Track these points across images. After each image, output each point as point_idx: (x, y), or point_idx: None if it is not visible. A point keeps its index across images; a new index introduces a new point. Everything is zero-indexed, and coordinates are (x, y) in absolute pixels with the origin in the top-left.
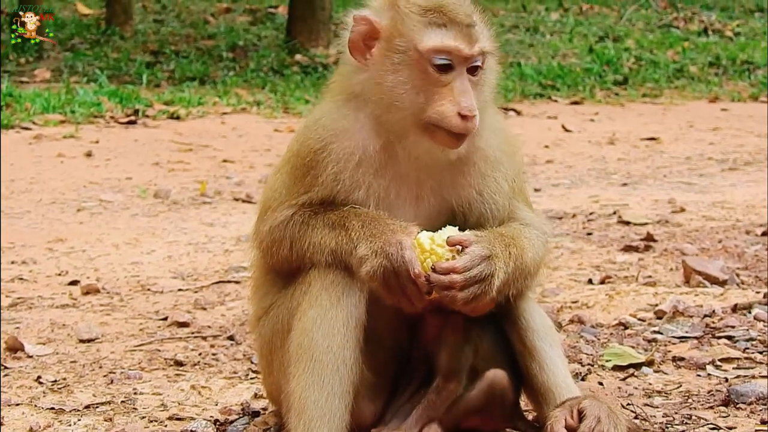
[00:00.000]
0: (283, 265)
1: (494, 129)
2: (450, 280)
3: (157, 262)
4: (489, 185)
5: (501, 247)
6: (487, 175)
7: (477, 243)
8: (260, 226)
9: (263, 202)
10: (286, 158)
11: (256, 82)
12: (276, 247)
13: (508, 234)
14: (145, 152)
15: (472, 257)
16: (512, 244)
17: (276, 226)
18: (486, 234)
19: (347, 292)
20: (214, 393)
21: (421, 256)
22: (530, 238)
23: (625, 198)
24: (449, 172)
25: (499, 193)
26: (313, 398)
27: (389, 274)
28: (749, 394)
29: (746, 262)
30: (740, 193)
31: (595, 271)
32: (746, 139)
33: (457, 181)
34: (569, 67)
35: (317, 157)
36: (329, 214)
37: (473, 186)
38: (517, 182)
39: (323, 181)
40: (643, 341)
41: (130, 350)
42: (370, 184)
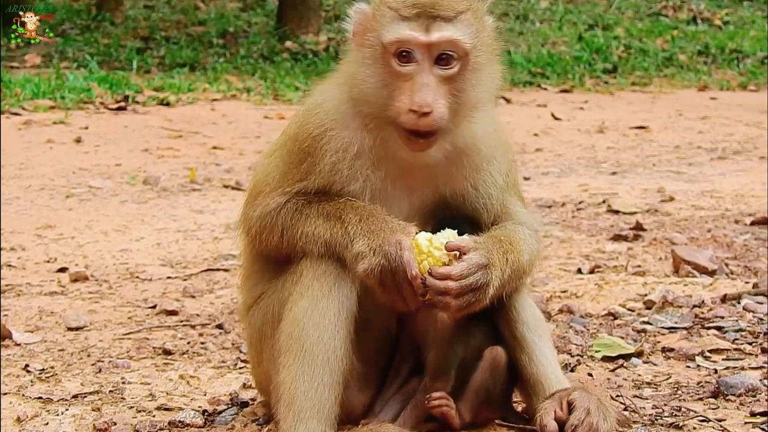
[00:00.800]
0: (271, 252)
1: (489, 124)
2: (445, 286)
3: (146, 249)
4: (484, 179)
5: (499, 254)
6: (481, 168)
7: (475, 250)
8: (250, 211)
9: (254, 185)
10: (281, 141)
11: (246, 68)
12: (266, 233)
13: (506, 238)
14: (135, 138)
15: (469, 265)
16: (510, 249)
17: (268, 212)
18: (484, 240)
19: (339, 283)
20: (202, 383)
21: (418, 257)
22: (526, 239)
23: (614, 187)
24: (444, 165)
25: (494, 187)
26: (302, 389)
27: (386, 274)
28: (738, 385)
29: (735, 251)
30: (729, 182)
31: (585, 261)
32: (735, 128)
33: (452, 174)
34: (559, 55)
35: (315, 143)
36: (324, 204)
37: (468, 179)
38: (511, 176)
39: (320, 170)
40: (632, 332)
41: (118, 338)
42: (367, 177)
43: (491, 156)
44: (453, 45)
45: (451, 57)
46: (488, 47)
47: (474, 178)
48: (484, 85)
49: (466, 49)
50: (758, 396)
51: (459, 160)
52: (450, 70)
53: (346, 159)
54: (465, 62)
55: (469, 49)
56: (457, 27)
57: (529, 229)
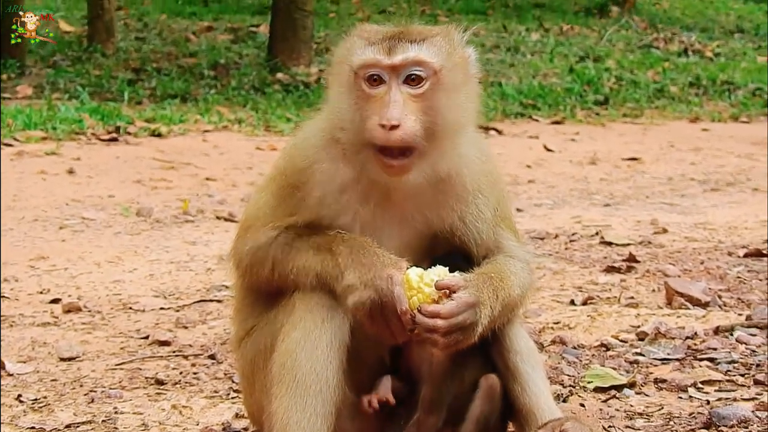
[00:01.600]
0: (263, 286)
1: (475, 154)
2: (434, 324)
3: (139, 280)
4: (470, 212)
5: (489, 291)
6: (468, 201)
7: (465, 289)
8: (240, 245)
9: (244, 220)
10: (271, 176)
11: (237, 100)
12: (257, 267)
13: (497, 274)
14: (127, 170)
15: (458, 304)
16: (500, 286)
17: (259, 246)
18: (474, 278)
19: (331, 314)
20: (195, 412)
21: (408, 293)
22: (517, 273)
23: (607, 218)
24: (429, 194)
25: (482, 221)
26: (295, 419)
27: (376, 307)
28: (731, 416)
29: (728, 283)
30: (722, 214)
31: (578, 292)
32: (727, 160)
33: (439, 204)
34: (550, 87)
35: (302, 177)
36: (315, 237)
37: (455, 210)
38: (501, 209)
39: (308, 204)
40: (624, 363)
41: (111, 369)
42: (356, 210)
43: (477, 188)
44: (419, 64)
45: (419, 76)
46: (462, 69)
47: (461, 210)
48: (459, 105)
49: (434, 68)
50: (750, 427)
51: (444, 190)
52: (419, 88)
53: (333, 192)
54: (435, 81)
55: (437, 68)
56: (424, 48)
57: (521, 262)
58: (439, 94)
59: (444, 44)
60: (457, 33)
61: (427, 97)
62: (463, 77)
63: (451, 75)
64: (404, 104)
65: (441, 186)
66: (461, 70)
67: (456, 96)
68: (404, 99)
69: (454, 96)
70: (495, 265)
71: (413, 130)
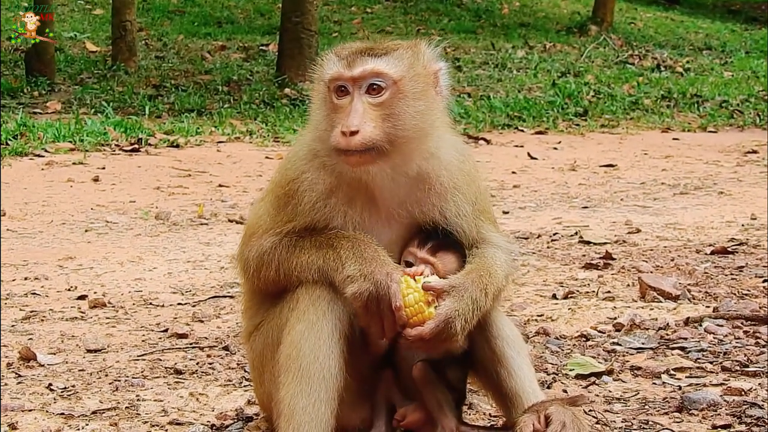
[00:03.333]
0: (269, 287)
1: (452, 155)
2: (419, 336)
3: (159, 278)
4: (450, 208)
5: (477, 291)
6: (447, 198)
7: (450, 296)
8: (246, 252)
9: (248, 228)
10: (270, 188)
11: (248, 113)
12: (263, 270)
13: (485, 270)
14: (148, 177)
15: (437, 322)
16: (490, 282)
17: (264, 251)
18: (463, 280)
19: (332, 306)
20: (210, 399)
21: (405, 290)
22: (502, 263)
23: (585, 220)
24: (411, 195)
25: (462, 217)
26: (301, 404)
27: (372, 300)
28: (701, 400)
29: (697, 278)
30: (690, 215)
31: (559, 287)
32: (696, 166)
33: (421, 202)
34: (534, 100)
35: (294, 186)
36: (317, 236)
37: (436, 206)
38: (480, 203)
39: (302, 211)
40: (603, 352)
41: (133, 360)
42: (345, 212)
43: (455, 185)
44: (378, 75)
45: (379, 86)
46: (424, 79)
47: (441, 207)
48: (420, 112)
49: (393, 78)
50: (719, 410)
51: (423, 188)
52: (379, 97)
53: (320, 198)
54: (395, 90)
55: (396, 78)
56: (384, 60)
57: (503, 252)
58: (400, 102)
59: (406, 57)
60: (424, 47)
61: (387, 105)
62: (424, 87)
63: (411, 85)
64: (364, 112)
65: (420, 185)
66: (423, 80)
67: (417, 104)
68: (365, 107)
69: (415, 104)
70: (482, 260)
71: (371, 135)
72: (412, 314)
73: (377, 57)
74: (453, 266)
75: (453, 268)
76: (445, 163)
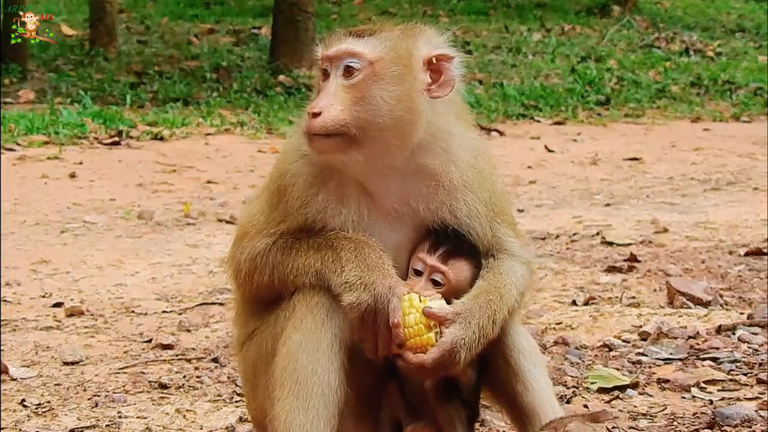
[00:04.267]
0: (262, 293)
1: (464, 151)
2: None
3: (141, 283)
4: (461, 207)
5: (483, 318)
6: (456, 197)
7: (456, 324)
8: (237, 254)
9: (240, 228)
10: (264, 184)
11: (239, 102)
12: (256, 274)
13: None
14: (129, 173)
15: (441, 351)
16: (499, 308)
17: (257, 253)
18: (470, 306)
19: (331, 314)
20: (198, 416)
21: (408, 309)
22: (517, 280)
23: (608, 218)
24: (414, 190)
25: (475, 218)
26: (298, 422)
27: (370, 313)
28: (734, 416)
29: (730, 282)
30: (723, 213)
31: (579, 293)
32: (728, 159)
33: (427, 198)
34: (552, 88)
35: (285, 183)
36: (315, 237)
37: (446, 205)
38: (495, 203)
39: (292, 208)
40: (627, 363)
41: (114, 373)
42: (339, 210)
43: (465, 183)
44: (353, 55)
45: (353, 67)
46: (408, 62)
47: (451, 205)
48: (399, 98)
49: (368, 60)
50: (754, 426)
51: (427, 183)
52: (352, 78)
53: (309, 194)
54: (370, 72)
55: (372, 59)
56: (361, 41)
57: (521, 265)
58: (374, 85)
59: (390, 39)
60: (421, 30)
61: (360, 87)
62: (407, 71)
63: (391, 68)
64: (334, 94)
65: (425, 180)
66: (406, 65)
67: (394, 89)
68: (337, 89)
69: (392, 89)
70: (495, 278)
71: (334, 119)
72: (411, 336)
73: (357, 37)
74: (466, 275)
75: (465, 277)
76: (455, 159)
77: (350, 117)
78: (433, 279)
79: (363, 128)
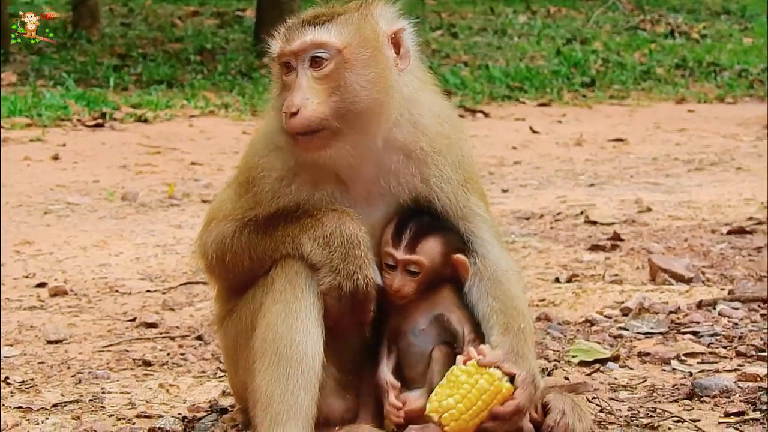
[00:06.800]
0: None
1: (429, 117)
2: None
3: (125, 263)
4: (432, 173)
5: (529, 348)
6: (427, 163)
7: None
8: (205, 237)
9: (208, 213)
10: (234, 175)
11: (224, 85)
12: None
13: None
14: (113, 155)
15: (526, 386)
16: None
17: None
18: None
19: (309, 283)
20: (182, 391)
21: (471, 378)
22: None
23: (592, 198)
24: (389, 165)
25: (447, 182)
26: (278, 391)
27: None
28: (713, 387)
29: (712, 260)
30: (706, 192)
31: (563, 270)
32: (712, 140)
33: (400, 172)
34: (537, 69)
35: (252, 173)
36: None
37: (416, 174)
38: (464, 170)
39: (264, 198)
40: (609, 337)
41: (98, 351)
42: (312, 195)
43: (435, 149)
44: (319, 46)
45: (321, 58)
46: (375, 43)
47: (422, 172)
48: (373, 80)
49: (336, 47)
50: (732, 397)
51: (396, 158)
52: (322, 69)
53: (282, 185)
54: (340, 60)
55: (340, 46)
56: (325, 29)
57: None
58: (346, 72)
59: (352, 22)
60: (375, 7)
61: (333, 77)
62: (376, 52)
63: (360, 52)
64: (308, 89)
65: (395, 155)
66: (373, 45)
67: (368, 72)
68: (308, 83)
69: (366, 72)
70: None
71: (314, 114)
72: (491, 397)
73: (318, 26)
74: (437, 251)
75: (438, 253)
76: (422, 128)
77: (330, 109)
78: (408, 270)
79: (344, 118)
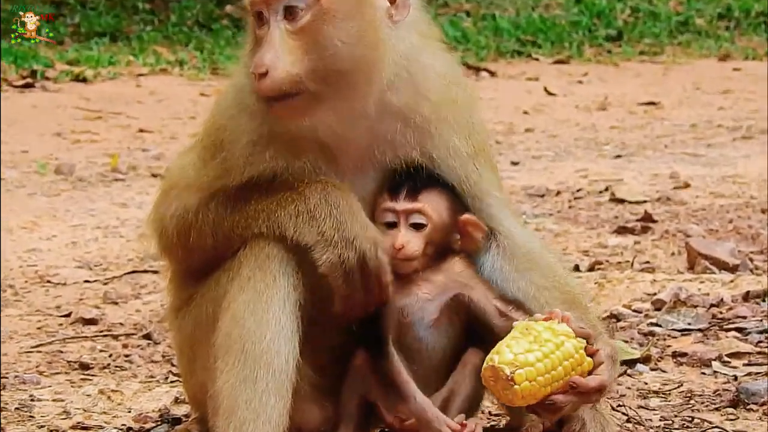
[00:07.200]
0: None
1: (433, 77)
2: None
3: (59, 249)
4: (437, 145)
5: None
6: (431, 132)
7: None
8: (162, 210)
9: (166, 181)
10: (199, 137)
11: (178, 38)
12: (192, 233)
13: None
14: (45, 121)
15: (611, 363)
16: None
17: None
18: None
19: (285, 269)
20: (126, 398)
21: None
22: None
23: (618, 172)
24: (384, 134)
25: (455, 156)
26: (244, 396)
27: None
28: (762, 392)
29: (761, 245)
30: (755, 165)
31: (583, 257)
32: (762, 104)
33: (397, 141)
34: (553, 20)
35: (220, 135)
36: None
37: (415, 146)
38: (475, 141)
39: (234, 165)
40: (638, 335)
41: (26, 352)
42: (292, 164)
43: (440, 117)
44: None
45: (296, 7)
46: None
47: (424, 144)
48: (358, 35)
49: None
50: None
51: (393, 125)
52: (297, 22)
53: (255, 150)
54: (318, 11)
55: None
56: None
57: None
58: (325, 25)
59: None
60: None
61: (309, 31)
62: (357, 4)
63: (342, 1)
64: (280, 45)
65: (393, 122)
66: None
67: (350, 25)
68: (281, 38)
69: (348, 25)
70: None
71: (285, 76)
72: (575, 365)
73: None
74: (445, 205)
75: (445, 208)
76: (424, 91)
77: (304, 69)
78: (412, 224)
79: (324, 80)
